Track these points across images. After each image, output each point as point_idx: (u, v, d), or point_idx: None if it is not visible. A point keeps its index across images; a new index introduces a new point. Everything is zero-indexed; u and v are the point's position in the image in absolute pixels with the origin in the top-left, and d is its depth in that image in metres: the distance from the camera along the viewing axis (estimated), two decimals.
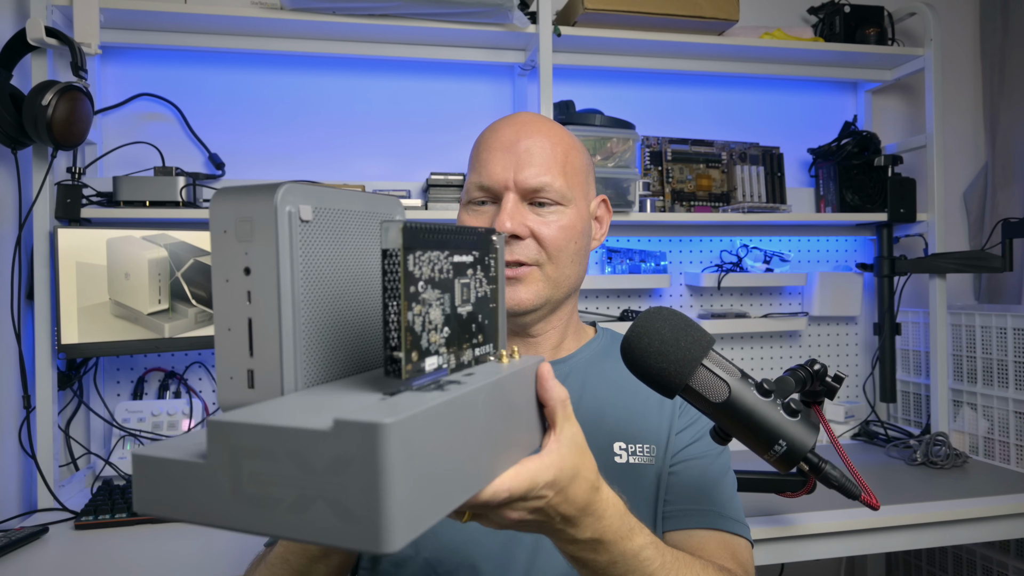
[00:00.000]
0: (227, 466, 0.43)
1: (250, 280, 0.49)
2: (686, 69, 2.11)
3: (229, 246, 0.49)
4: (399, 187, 1.92)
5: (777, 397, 0.70)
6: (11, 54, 1.54)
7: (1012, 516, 1.58)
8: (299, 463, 0.42)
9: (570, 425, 0.61)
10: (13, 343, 1.56)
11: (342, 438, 0.41)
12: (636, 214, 1.94)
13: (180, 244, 1.66)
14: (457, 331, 0.56)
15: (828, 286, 2.19)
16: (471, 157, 0.97)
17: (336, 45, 1.88)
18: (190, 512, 0.45)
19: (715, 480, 0.93)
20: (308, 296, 0.51)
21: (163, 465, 0.46)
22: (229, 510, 0.44)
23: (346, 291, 0.55)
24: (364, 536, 0.41)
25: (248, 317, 0.49)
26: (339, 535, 0.41)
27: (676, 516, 0.91)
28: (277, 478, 0.42)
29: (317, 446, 0.41)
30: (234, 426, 0.44)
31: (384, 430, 0.40)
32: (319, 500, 0.41)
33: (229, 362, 0.50)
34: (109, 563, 1.25)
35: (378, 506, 0.40)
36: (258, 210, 0.48)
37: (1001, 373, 1.89)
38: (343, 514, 0.41)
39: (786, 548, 1.45)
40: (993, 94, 2.33)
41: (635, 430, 0.94)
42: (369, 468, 0.40)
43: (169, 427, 1.72)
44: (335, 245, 0.54)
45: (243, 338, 0.49)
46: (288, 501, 0.42)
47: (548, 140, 0.94)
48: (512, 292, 0.91)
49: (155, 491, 0.46)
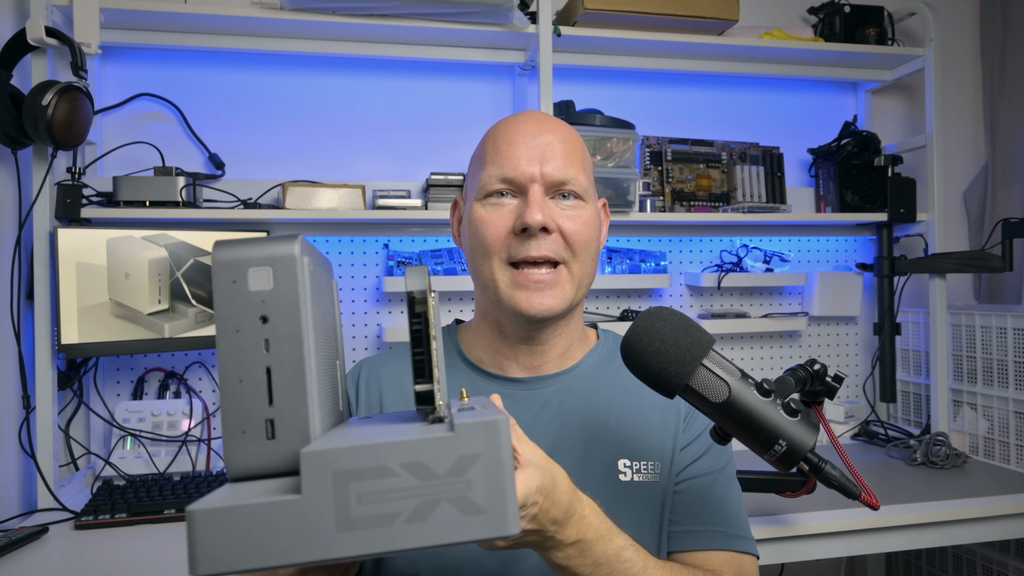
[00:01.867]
0: (330, 494, 0.44)
1: (268, 328, 0.49)
2: (686, 69, 2.11)
3: (240, 296, 0.49)
4: (399, 187, 1.92)
5: (777, 397, 0.70)
6: (11, 54, 1.54)
7: (1012, 516, 1.58)
8: (418, 472, 0.45)
9: (526, 443, 0.64)
10: (13, 343, 1.56)
11: (465, 438, 0.46)
12: (636, 214, 1.94)
13: (180, 244, 1.66)
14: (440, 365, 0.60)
15: (828, 286, 2.19)
16: (484, 151, 0.93)
17: (336, 45, 1.88)
18: (279, 555, 0.44)
19: (721, 496, 0.91)
20: (316, 344, 0.51)
21: (237, 514, 0.44)
22: (335, 539, 0.44)
23: (326, 343, 0.57)
24: (493, 524, 0.46)
25: (267, 366, 0.49)
26: (466, 530, 0.45)
27: (682, 537, 0.89)
28: (391, 492, 0.45)
29: (439, 451, 0.46)
30: (337, 451, 0.45)
31: (502, 425, 0.47)
32: (442, 502, 0.45)
33: (241, 415, 0.49)
34: (109, 563, 1.25)
35: (503, 493, 0.46)
36: (278, 259, 0.49)
37: (1001, 373, 1.89)
38: (469, 509, 0.46)
39: (786, 548, 1.45)
40: (993, 94, 2.33)
41: (639, 446, 0.91)
42: (494, 460, 0.46)
43: (169, 427, 1.72)
44: (319, 298, 0.55)
45: (260, 388, 0.49)
46: (407, 512, 0.45)
47: (568, 136, 0.92)
48: (539, 297, 0.87)
49: (228, 544, 0.44)
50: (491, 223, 0.88)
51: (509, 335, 0.93)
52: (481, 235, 0.89)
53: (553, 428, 0.91)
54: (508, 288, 0.88)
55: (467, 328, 1.03)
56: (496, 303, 0.90)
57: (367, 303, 1.97)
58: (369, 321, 1.97)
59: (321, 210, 1.77)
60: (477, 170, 0.93)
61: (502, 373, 0.95)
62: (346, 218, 1.80)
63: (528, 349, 0.94)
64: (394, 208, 1.82)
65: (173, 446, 1.70)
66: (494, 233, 0.88)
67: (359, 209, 1.80)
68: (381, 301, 1.98)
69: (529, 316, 0.87)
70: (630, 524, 0.76)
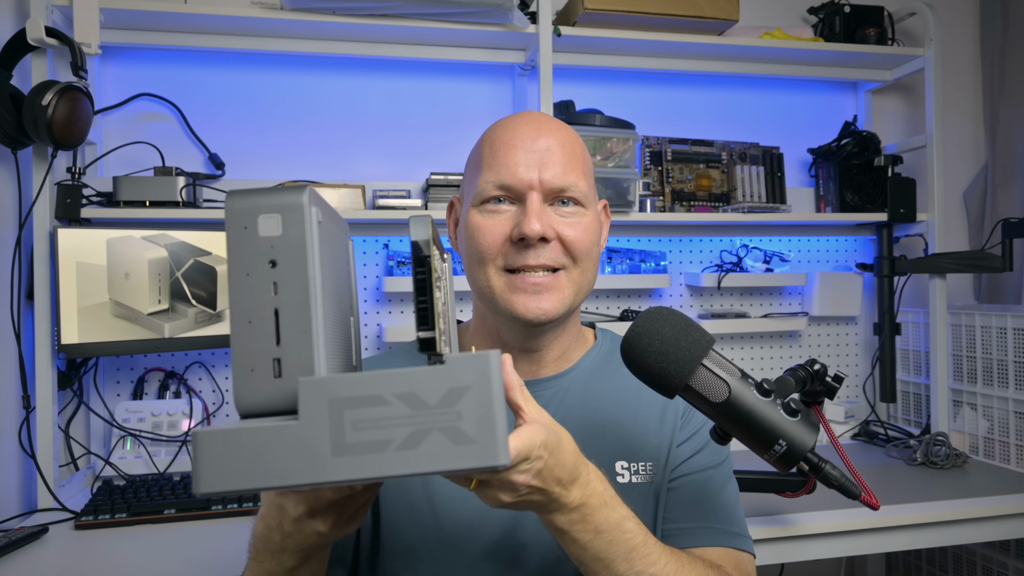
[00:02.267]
0: (326, 420, 0.47)
1: (277, 272, 0.51)
2: (686, 69, 2.11)
3: (251, 241, 0.51)
4: (399, 187, 1.92)
5: (777, 397, 0.70)
6: (11, 54, 1.54)
7: (1012, 516, 1.58)
8: (410, 401, 0.47)
9: (532, 404, 0.63)
10: (13, 343, 1.56)
11: (456, 371, 0.47)
12: (636, 214, 1.94)
13: (180, 244, 1.66)
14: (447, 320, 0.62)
15: (828, 286, 2.19)
16: (480, 154, 0.90)
17: (336, 45, 1.88)
18: (277, 476, 0.46)
19: (717, 493, 0.91)
20: (323, 290, 0.53)
21: (238, 436, 0.47)
22: (329, 464, 0.46)
23: (330, 293, 0.58)
24: (482, 453, 0.47)
25: (275, 308, 0.51)
26: (455, 458, 0.47)
27: (678, 535, 0.88)
28: (387, 420, 0.47)
29: (431, 382, 0.47)
30: (333, 379, 0.48)
31: (492, 358, 0.48)
32: (433, 431, 0.47)
33: (250, 354, 0.51)
34: (109, 563, 1.25)
35: (493, 423, 0.47)
36: (287, 206, 0.51)
37: (1001, 373, 1.89)
38: (459, 438, 0.47)
39: (786, 548, 1.45)
40: (993, 94, 2.33)
41: (637, 448, 0.91)
42: (484, 391, 0.48)
43: (169, 427, 1.72)
44: (328, 245, 0.57)
45: (268, 329, 0.51)
46: (399, 440, 0.47)
47: (567, 139, 0.89)
48: (536, 301, 0.85)
49: (228, 464, 0.47)
50: (488, 231, 0.86)
51: (506, 342, 0.92)
52: (477, 243, 0.87)
53: None
54: (505, 292, 0.86)
55: (464, 330, 1.01)
56: (493, 309, 0.88)
57: (367, 303, 1.97)
58: (369, 321, 1.97)
59: None
60: (474, 174, 0.91)
61: None
62: (346, 218, 1.79)
63: (526, 356, 0.93)
64: (394, 208, 1.82)
65: (173, 446, 1.70)
66: (491, 241, 0.86)
67: (359, 209, 1.80)
68: (381, 301, 1.98)
69: (526, 320, 0.85)
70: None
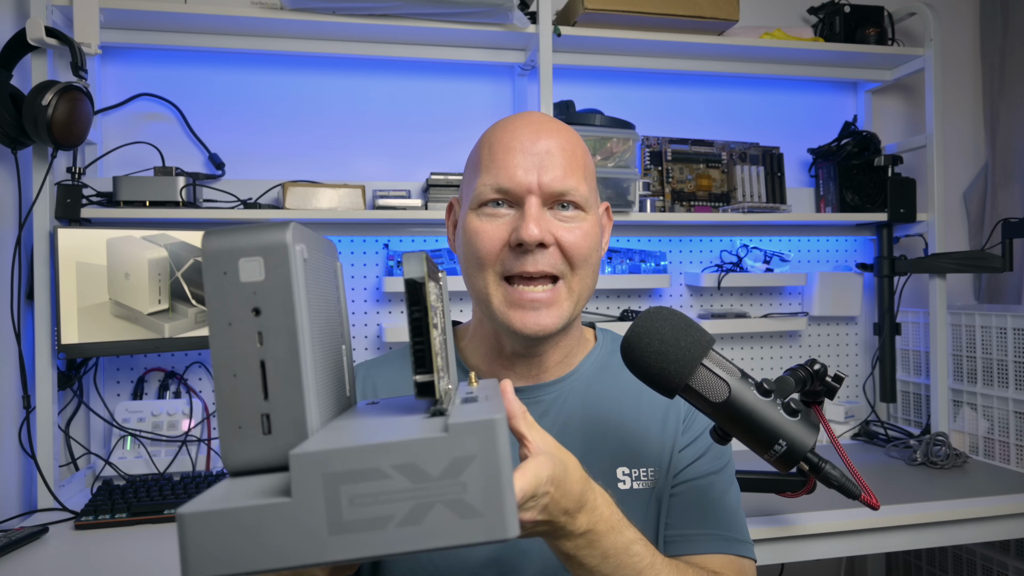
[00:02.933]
0: (321, 497, 0.43)
1: (261, 320, 0.47)
2: (686, 69, 2.11)
3: (231, 288, 0.47)
4: (399, 187, 1.92)
5: (777, 397, 0.70)
6: (11, 54, 1.54)
7: (1012, 516, 1.58)
8: (411, 474, 0.43)
9: (537, 431, 0.63)
10: (13, 343, 1.56)
11: (460, 439, 0.44)
12: (636, 214, 1.94)
13: (180, 244, 1.66)
14: (444, 358, 0.59)
15: (828, 286, 2.19)
16: (479, 156, 0.89)
17: (336, 45, 1.88)
18: (273, 558, 0.43)
19: (719, 499, 0.90)
20: (312, 334, 0.50)
21: (227, 517, 0.43)
22: (326, 543, 0.43)
23: (327, 329, 0.55)
24: (491, 527, 0.44)
25: (260, 359, 0.47)
26: (463, 533, 0.44)
27: (680, 541, 0.88)
28: (384, 495, 0.43)
29: (433, 453, 0.44)
30: (327, 454, 0.43)
31: (499, 424, 0.45)
32: (437, 505, 0.43)
33: (237, 410, 0.47)
34: (109, 563, 1.25)
35: (501, 494, 0.44)
36: (269, 248, 0.47)
37: (1001, 373, 1.89)
38: (465, 511, 0.44)
39: (786, 548, 1.45)
40: (993, 94, 2.33)
41: (638, 453, 0.90)
42: (491, 461, 0.44)
43: (169, 427, 1.72)
44: (317, 283, 0.53)
45: (255, 382, 0.47)
46: (401, 515, 0.43)
47: (568, 142, 0.87)
48: (534, 317, 0.83)
49: (218, 547, 0.43)
50: (486, 235, 0.85)
51: (506, 348, 0.92)
52: (475, 247, 0.85)
53: (552, 436, 0.90)
54: (502, 306, 0.85)
55: (464, 332, 1.00)
56: (490, 318, 0.88)
57: (367, 303, 1.97)
58: (369, 321, 1.97)
59: (321, 210, 1.77)
60: (472, 176, 0.89)
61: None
62: (346, 218, 1.80)
63: (526, 361, 0.92)
64: (394, 208, 1.82)
65: (173, 446, 1.70)
66: (488, 246, 0.84)
67: (359, 209, 1.80)
68: (381, 301, 1.98)
69: (524, 335, 0.85)
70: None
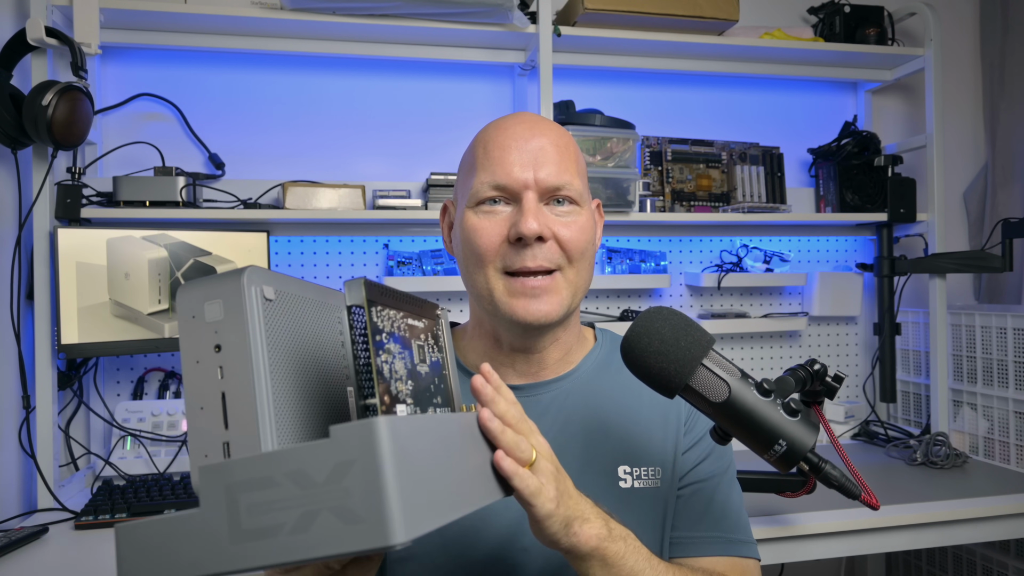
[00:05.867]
0: (223, 507, 0.45)
1: (221, 356, 0.50)
2: (686, 69, 2.11)
3: (198, 329, 0.51)
4: (399, 187, 1.92)
5: (777, 397, 0.70)
6: (11, 54, 1.54)
7: (1012, 516, 1.58)
8: (299, 480, 0.44)
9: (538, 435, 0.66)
10: (13, 343, 1.56)
11: (341, 444, 0.44)
12: (636, 214, 1.94)
13: (180, 244, 1.66)
14: (419, 388, 0.59)
15: (828, 286, 2.19)
16: (474, 156, 0.91)
17: (336, 45, 1.88)
18: (186, 568, 0.45)
19: (723, 501, 0.91)
20: (275, 367, 0.52)
21: (150, 528, 0.46)
22: (228, 552, 0.45)
23: (307, 368, 0.57)
24: (372, 532, 0.43)
25: (221, 391, 0.50)
26: (346, 540, 0.43)
27: (686, 543, 0.89)
28: (277, 503, 0.44)
29: (317, 458, 0.44)
30: (228, 464, 0.46)
31: (378, 425, 0.44)
32: (322, 512, 0.43)
33: (203, 440, 0.50)
34: (109, 563, 1.25)
35: (382, 498, 0.43)
36: (226, 291, 0.50)
37: (1001, 373, 1.89)
38: (348, 517, 0.43)
39: (786, 548, 1.45)
40: (993, 94, 2.33)
41: (639, 452, 0.90)
42: (370, 464, 0.43)
43: (169, 427, 1.72)
44: (295, 324, 0.56)
45: (217, 413, 0.50)
46: (290, 523, 0.44)
47: (560, 138, 0.89)
48: (536, 304, 0.85)
49: (140, 558, 0.46)
50: (484, 232, 0.86)
51: (505, 345, 0.92)
52: (475, 244, 0.86)
53: (552, 435, 0.90)
54: (504, 296, 0.86)
55: (462, 332, 1.00)
56: (492, 312, 0.88)
57: None
58: None
59: (321, 210, 1.77)
60: (468, 176, 0.90)
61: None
62: (346, 218, 1.80)
63: (525, 358, 0.92)
64: (394, 208, 1.82)
65: (173, 446, 1.70)
66: (488, 242, 0.86)
67: (359, 209, 1.80)
68: None
69: (526, 324, 0.85)
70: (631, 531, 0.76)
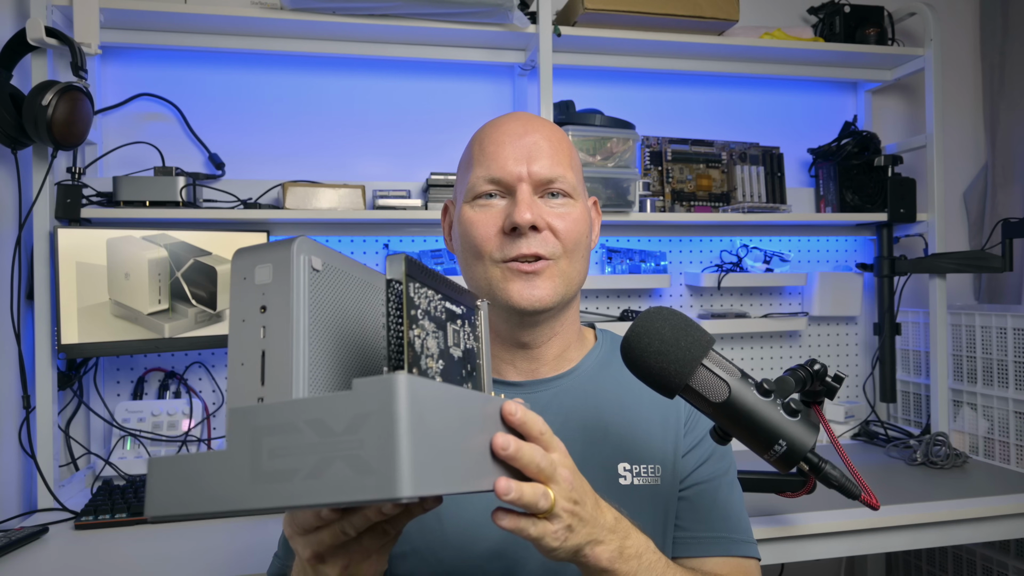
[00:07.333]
0: (247, 448, 0.48)
1: (265, 316, 0.53)
2: (686, 69, 2.11)
3: (248, 290, 0.54)
4: (399, 187, 1.92)
5: (777, 397, 0.70)
6: (11, 54, 1.54)
7: (1012, 516, 1.58)
8: (318, 429, 0.46)
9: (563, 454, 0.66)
10: (13, 343, 1.56)
11: (361, 396, 0.46)
12: (636, 214, 1.94)
13: (180, 244, 1.66)
14: (450, 369, 0.60)
15: (828, 286, 2.19)
16: (470, 154, 0.94)
17: (336, 45, 1.88)
18: (209, 503, 0.48)
19: (725, 502, 0.92)
20: (314, 333, 0.54)
21: (181, 463, 0.49)
22: (248, 491, 0.47)
23: (346, 342, 0.59)
24: (381, 484, 0.45)
25: (262, 350, 0.53)
26: (356, 489, 0.45)
27: (688, 543, 0.90)
28: (296, 448, 0.47)
29: (337, 408, 0.46)
30: (255, 408, 0.49)
31: (398, 381, 0.46)
32: (337, 460, 0.46)
33: (240, 394, 0.53)
34: (109, 563, 1.25)
35: (394, 451, 0.45)
36: (277, 257, 0.54)
37: (1001, 373, 1.89)
38: (360, 467, 0.45)
39: (786, 548, 1.45)
40: (993, 94, 2.33)
41: (639, 449, 0.91)
42: (386, 417, 0.45)
43: (169, 427, 1.72)
44: (339, 297, 0.58)
45: (255, 370, 0.53)
46: (307, 469, 0.46)
47: (554, 135, 0.92)
48: (529, 288, 0.86)
49: (170, 491, 0.49)
50: (481, 224, 0.88)
51: (505, 339, 0.93)
52: (471, 236, 0.89)
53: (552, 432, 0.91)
54: (500, 282, 0.87)
55: None
56: (490, 303, 0.89)
57: None
58: None
59: (321, 210, 1.77)
60: (465, 173, 0.94)
61: (499, 377, 0.95)
62: (346, 218, 1.80)
63: (524, 354, 0.93)
64: (394, 208, 1.82)
65: (173, 446, 1.70)
66: (484, 233, 0.88)
67: (359, 209, 1.80)
68: None
69: (521, 308, 0.86)
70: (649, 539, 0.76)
